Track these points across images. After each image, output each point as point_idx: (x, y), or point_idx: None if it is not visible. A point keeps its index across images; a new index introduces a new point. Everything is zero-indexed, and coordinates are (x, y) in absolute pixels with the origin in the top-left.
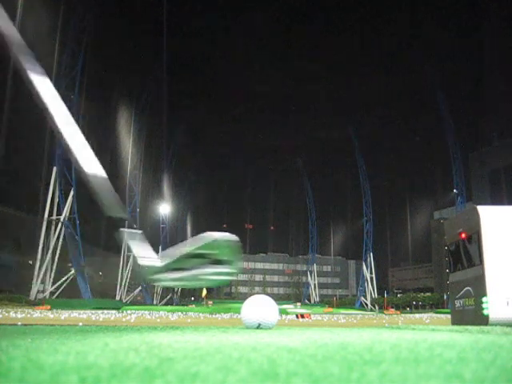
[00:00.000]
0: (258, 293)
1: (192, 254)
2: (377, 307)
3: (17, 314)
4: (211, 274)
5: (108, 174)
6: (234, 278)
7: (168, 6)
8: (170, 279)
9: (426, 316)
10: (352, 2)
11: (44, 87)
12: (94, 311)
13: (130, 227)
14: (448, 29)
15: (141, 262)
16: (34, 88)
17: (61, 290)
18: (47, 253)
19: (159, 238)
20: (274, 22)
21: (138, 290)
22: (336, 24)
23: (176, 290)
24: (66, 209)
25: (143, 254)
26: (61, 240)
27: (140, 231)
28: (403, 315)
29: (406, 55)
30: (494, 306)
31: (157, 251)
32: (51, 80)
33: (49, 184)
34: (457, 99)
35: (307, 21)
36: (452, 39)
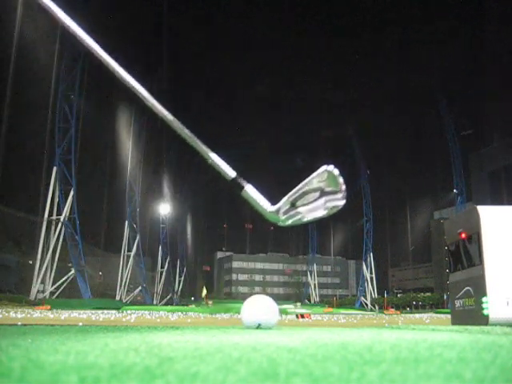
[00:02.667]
0: (258, 293)
1: (304, 191)
2: (377, 307)
3: (17, 314)
4: (326, 202)
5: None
6: (344, 202)
7: (168, 5)
8: (298, 218)
9: (425, 316)
10: (352, 2)
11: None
12: (93, 311)
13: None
14: (448, 28)
15: (269, 210)
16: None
17: (61, 290)
18: (47, 253)
19: (159, 238)
20: (274, 22)
21: (138, 289)
22: (336, 24)
23: (176, 289)
24: (65, 209)
25: (266, 202)
26: (61, 240)
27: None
28: (403, 315)
29: (406, 55)
30: (494, 305)
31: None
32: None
33: (49, 184)
34: (457, 99)
35: (307, 21)
36: (452, 39)
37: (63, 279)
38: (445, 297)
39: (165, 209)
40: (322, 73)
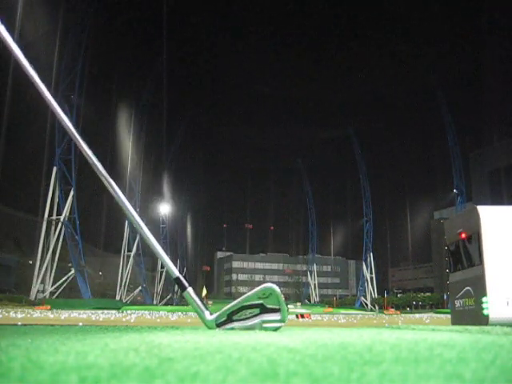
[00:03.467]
0: None
1: (243, 306)
2: (377, 307)
3: (17, 314)
4: (263, 322)
5: (108, 174)
6: (283, 325)
7: (168, 5)
8: (230, 329)
9: (426, 316)
10: (352, 2)
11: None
12: (93, 311)
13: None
14: (448, 28)
15: (206, 318)
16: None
17: (61, 289)
18: (47, 253)
19: (159, 238)
20: (274, 22)
21: (138, 289)
22: (336, 24)
23: (176, 289)
24: (65, 209)
25: (204, 309)
26: (61, 240)
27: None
28: (403, 315)
29: (406, 55)
30: (494, 305)
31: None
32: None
33: (49, 184)
34: (457, 99)
35: (307, 21)
36: (452, 39)
37: (63, 279)
38: (445, 297)
39: (165, 209)
40: (323, 73)
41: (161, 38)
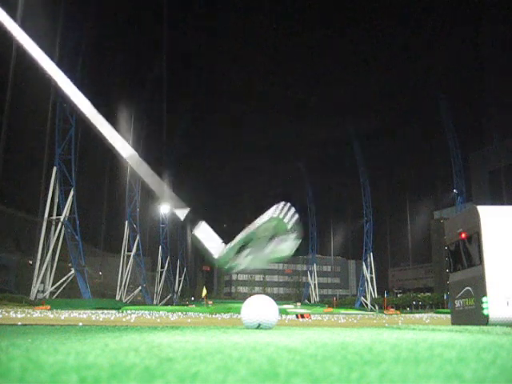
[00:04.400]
0: (257, 293)
1: (253, 234)
2: (377, 307)
3: (17, 314)
4: (276, 247)
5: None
6: (296, 247)
7: (168, 5)
8: (243, 263)
9: (426, 316)
10: (352, 2)
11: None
12: (94, 311)
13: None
14: (448, 29)
15: (214, 255)
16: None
17: (61, 289)
18: (47, 253)
19: (159, 238)
20: (274, 23)
21: (137, 289)
22: (336, 24)
23: (176, 289)
24: (65, 209)
25: (213, 245)
26: (61, 240)
27: (203, 221)
28: (403, 315)
29: (406, 55)
30: (494, 305)
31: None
32: (51, 80)
33: (49, 184)
34: (457, 99)
35: (307, 21)
36: (452, 39)
37: (63, 279)
38: (445, 297)
39: (165, 209)
40: (323, 74)
41: (161, 36)
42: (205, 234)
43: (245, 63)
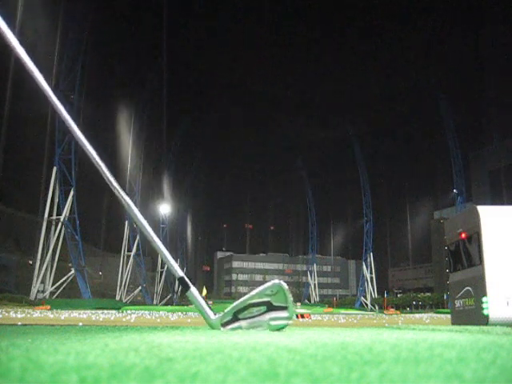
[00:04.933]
0: None
1: (250, 303)
2: (377, 307)
3: (17, 314)
4: (270, 319)
5: (110, 172)
6: (291, 322)
7: (168, 6)
8: (236, 329)
9: (426, 316)
10: (352, 3)
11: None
12: (94, 311)
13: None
14: (448, 29)
15: (211, 318)
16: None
17: (61, 289)
18: (47, 253)
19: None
20: (274, 23)
21: (137, 290)
22: (336, 24)
23: (176, 289)
24: (65, 209)
25: (207, 309)
26: (61, 240)
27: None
28: (403, 315)
29: (406, 55)
30: (494, 305)
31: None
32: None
33: (49, 184)
34: (457, 99)
35: (307, 22)
36: (452, 39)
37: (63, 279)
38: (445, 297)
39: (165, 209)
40: (323, 74)
41: (161, 37)
42: (199, 298)
43: (245, 63)
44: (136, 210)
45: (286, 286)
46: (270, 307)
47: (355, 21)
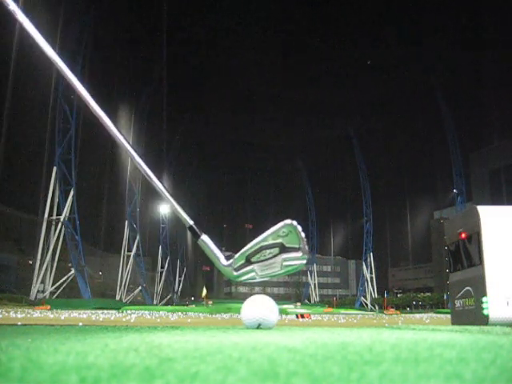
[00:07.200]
0: (257, 293)
1: (262, 246)
2: (377, 307)
3: (17, 314)
4: (284, 260)
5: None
6: (304, 262)
7: (168, 6)
8: (251, 275)
9: (426, 316)
10: (352, 3)
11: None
12: (94, 311)
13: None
14: (448, 29)
15: (222, 264)
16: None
17: (61, 289)
18: (47, 253)
19: (159, 238)
20: (274, 24)
21: (138, 290)
22: (336, 24)
23: (176, 289)
24: (65, 209)
25: (220, 255)
26: (61, 240)
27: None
28: (403, 315)
29: (405, 55)
30: (494, 305)
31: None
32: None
33: (49, 184)
34: (457, 99)
35: (307, 22)
36: (452, 39)
37: (63, 279)
38: (445, 297)
39: (165, 209)
40: (323, 74)
41: (161, 37)
42: (211, 245)
43: (245, 64)
44: (138, 158)
45: (298, 226)
46: (283, 249)
47: (356, 21)
